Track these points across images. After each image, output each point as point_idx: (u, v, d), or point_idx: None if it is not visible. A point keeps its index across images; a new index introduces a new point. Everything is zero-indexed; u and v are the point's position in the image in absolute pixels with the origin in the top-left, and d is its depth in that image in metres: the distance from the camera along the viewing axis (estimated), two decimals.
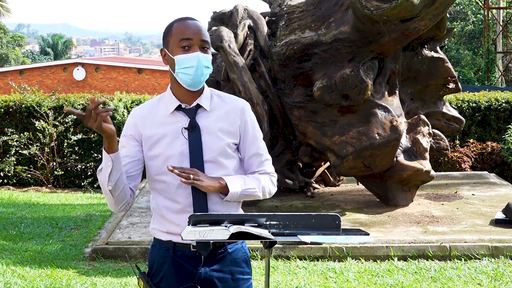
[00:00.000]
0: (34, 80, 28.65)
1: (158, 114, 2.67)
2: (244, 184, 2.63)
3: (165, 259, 2.65)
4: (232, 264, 2.67)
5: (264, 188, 2.69)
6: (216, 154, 2.63)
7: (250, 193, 2.64)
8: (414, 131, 7.58)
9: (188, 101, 2.67)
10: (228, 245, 2.67)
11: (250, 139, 2.70)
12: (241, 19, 8.05)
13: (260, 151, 2.73)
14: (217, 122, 2.65)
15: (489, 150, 11.57)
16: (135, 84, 29.41)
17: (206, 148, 2.61)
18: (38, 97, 12.68)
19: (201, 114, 2.66)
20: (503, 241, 6.36)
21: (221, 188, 2.59)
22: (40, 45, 65.19)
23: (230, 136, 2.66)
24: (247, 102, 2.77)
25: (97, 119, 2.40)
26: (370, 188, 7.96)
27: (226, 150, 2.64)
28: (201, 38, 2.62)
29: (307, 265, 6.06)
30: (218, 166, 2.63)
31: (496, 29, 26.78)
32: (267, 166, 2.74)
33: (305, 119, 7.65)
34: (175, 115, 2.65)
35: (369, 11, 6.51)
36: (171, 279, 2.63)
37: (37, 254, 6.65)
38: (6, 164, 12.34)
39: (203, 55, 2.62)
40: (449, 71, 8.13)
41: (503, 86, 25.81)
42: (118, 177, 2.54)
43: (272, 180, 2.75)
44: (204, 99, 2.68)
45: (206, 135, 2.63)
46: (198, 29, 2.64)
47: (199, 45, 2.62)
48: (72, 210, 9.42)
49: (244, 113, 2.70)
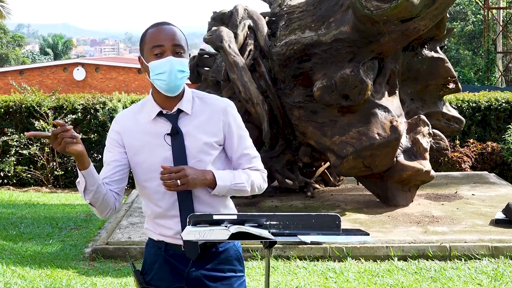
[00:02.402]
0: (34, 80, 28.65)
1: (140, 122, 2.66)
2: (233, 178, 2.64)
3: (157, 258, 2.68)
4: (223, 263, 2.68)
5: (253, 183, 2.69)
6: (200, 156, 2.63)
7: (239, 188, 2.65)
8: (414, 131, 7.58)
9: (169, 107, 2.65)
10: (219, 244, 2.68)
11: (235, 139, 2.69)
12: (241, 19, 8.05)
13: (247, 150, 2.72)
14: (199, 126, 2.64)
15: (489, 150, 11.56)
16: (135, 84, 29.41)
17: (189, 153, 2.61)
18: (38, 97, 12.68)
19: (183, 118, 2.64)
20: (503, 241, 6.36)
21: (209, 182, 2.59)
22: (40, 45, 65.20)
23: (213, 136, 2.65)
24: (229, 102, 2.74)
25: (61, 143, 2.42)
26: (370, 188, 7.96)
27: (208, 149, 2.63)
28: (173, 43, 2.59)
29: (307, 265, 6.06)
30: (201, 164, 2.62)
31: (496, 29, 26.79)
32: (256, 163, 2.74)
33: (305, 119, 7.65)
34: (157, 122, 2.65)
35: (369, 11, 6.51)
36: (162, 277, 2.67)
37: (37, 254, 6.65)
38: (6, 164, 12.34)
39: (175, 59, 2.58)
40: (449, 71, 8.13)
41: (503, 86, 25.83)
42: (95, 190, 2.55)
43: (263, 176, 2.76)
44: (185, 103, 2.66)
45: (189, 140, 2.62)
46: (170, 34, 2.61)
47: (171, 50, 2.59)
48: (72, 210, 9.42)
49: (227, 113, 2.68)
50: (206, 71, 8.37)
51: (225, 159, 2.72)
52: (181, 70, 2.59)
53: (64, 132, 2.42)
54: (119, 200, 2.69)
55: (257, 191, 2.74)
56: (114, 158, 2.67)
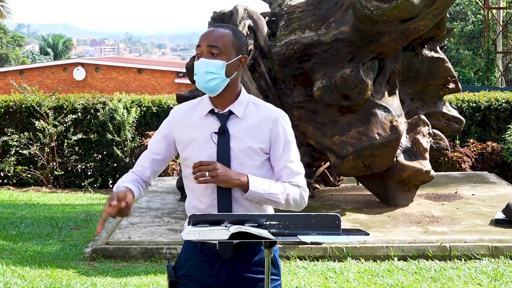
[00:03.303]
0: (34, 80, 28.67)
1: (194, 116, 2.71)
2: (268, 187, 2.62)
3: (192, 255, 2.71)
4: (257, 265, 2.67)
5: (289, 197, 2.65)
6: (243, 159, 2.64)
7: (272, 198, 2.63)
8: (414, 131, 7.58)
9: (221, 106, 2.68)
10: (254, 246, 2.67)
11: (280, 150, 2.68)
12: (241, 19, 8.05)
13: (290, 164, 2.69)
14: (247, 130, 2.65)
15: (489, 150, 11.57)
16: (135, 84, 29.42)
17: (233, 154, 2.63)
18: (38, 97, 12.68)
19: (233, 120, 2.66)
20: (503, 241, 6.36)
21: (241, 184, 2.59)
22: (40, 45, 65.20)
23: (259, 143, 2.65)
24: (282, 113, 2.74)
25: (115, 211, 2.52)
26: (370, 188, 7.97)
27: (252, 153, 2.64)
28: (207, 44, 2.63)
29: (307, 265, 6.06)
30: (243, 167, 2.63)
31: (496, 29, 26.79)
32: (298, 179, 2.70)
33: (305, 119, 7.65)
34: (208, 119, 2.68)
35: (369, 11, 6.51)
36: (193, 274, 2.69)
37: (37, 254, 6.65)
38: (6, 164, 12.34)
39: (204, 61, 2.62)
40: (449, 71, 8.13)
41: (503, 86, 25.82)
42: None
43: (302, 194, 2.70)
44: (238, 106, 2.68)
45: (235, 141, 2.64)
46: (209, 35, 2.65)
47: (206, 51, 2.63)
48: (72, 210, 9.42)
49: (277, 123, 2.68)
50: None
51: (270, 169, 2.71)
52: (208, 72, 2.61)
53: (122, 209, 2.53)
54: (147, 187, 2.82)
55: (293, 207, 2.69)
56: (156, 150, 2.77)
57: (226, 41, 2.63)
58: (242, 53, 2.68)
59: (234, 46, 2.65)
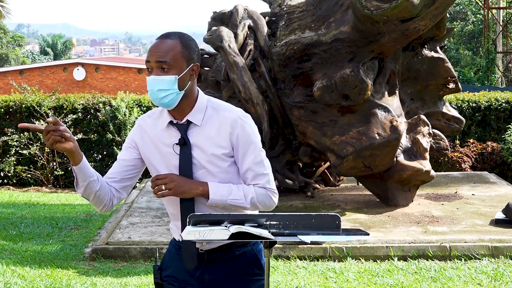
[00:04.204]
0: (34, 80, 28.64)
1: (157, 128, 2.69)
2: (229, 193, 2.60)
3: (175, 257, 2.72)
4: (240, 266, 2.68)
5: (254, 200, 2.62)
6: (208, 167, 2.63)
7: (236, 204, 2.61)
8: (414, 131, 7.58)
9: (179, 117, 2.65)
10: (236, 247, 2.68)
11: (242, 153, 2.63)
12: (241, 19, 8.05)
13: (254, 166, 2.63)
14: (208, 137, 2.62)
15: (489, 150, 11.57)
16: (135, 84, 29.41)
17: (197, 163, 2.62)
18: (38, 97, 12.68)
19: (193, 129, 2.63)
20: (503, 241, 6.36)
21: (202, 193, 2.60)
22: (40, 45, 65.17)
23: (221, 148, 2.62)
24: (242, 114, 2.65)
25: (49, 140, 2.47)
26: (370, 188, 7.96)
27: (216, 160, 2.62)
28: (156, 60, 2.55)
29: (307, 265, 6.06)
30: (209, 175, 2.63)
31: (496, 29, 26.78)
32: (262, 181, 2.64)
33: (305, 119, 7.65)
34: (169, 130, 2.66)
35: (369, 11, 6.51)
36: (176, 276, 2.71)
37: (37, 254, 6.65)
38: (6, 164, 12.34)
39: (153, 78, 2.55)
40: (449, 71, 8.13)
41: (503, 86, 25.82)
42: (85, 186, 2.60)
43: (269, 194, 2.66)
44: (195, 114, 2.64)
45: (197, 151, 2.62)
46: (155, 49, 2.56)
47: (155, 67, 2.56)
48: (72, 210, 9.42)
49: (236, 125, 2.61)
50: (206, 71, 8.37)
51: (238, 172, 2.68)
52: (161, 89, 2.55)
53: (54, 131, 2.46)
54: (118, 198, 2.72)
55: (261, 209, 2.67)
56: (124, 157, 2.74)
57: (175, 54, 2.55)
58: (193, 62, 2.59)
59: (184, 57, 2.56)
